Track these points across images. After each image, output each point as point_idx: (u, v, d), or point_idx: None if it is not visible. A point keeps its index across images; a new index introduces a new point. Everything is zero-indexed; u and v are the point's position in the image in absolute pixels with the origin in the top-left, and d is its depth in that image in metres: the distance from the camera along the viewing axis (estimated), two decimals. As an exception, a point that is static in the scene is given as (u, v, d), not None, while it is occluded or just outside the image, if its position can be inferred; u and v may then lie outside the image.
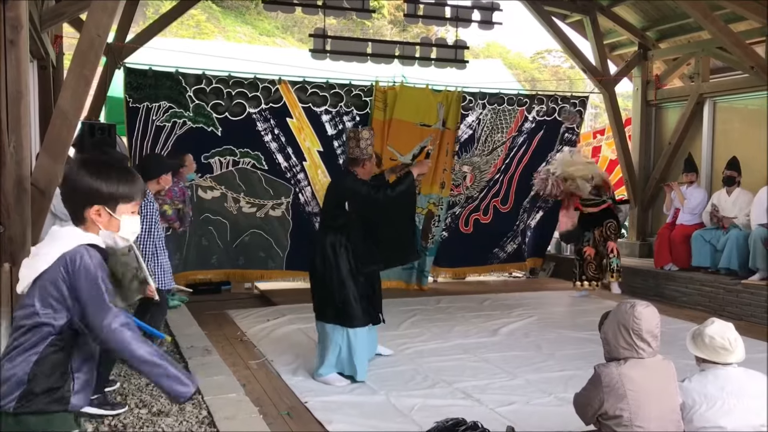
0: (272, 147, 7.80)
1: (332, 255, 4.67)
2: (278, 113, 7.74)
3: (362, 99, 8.04)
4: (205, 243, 7.68)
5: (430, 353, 5.49)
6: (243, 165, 7.73)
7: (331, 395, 4.39)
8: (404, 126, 8.01)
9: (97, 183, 2.05)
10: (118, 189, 2.09)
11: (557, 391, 4.51)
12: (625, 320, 2.84)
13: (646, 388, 2.78)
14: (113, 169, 2.12)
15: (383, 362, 5.17)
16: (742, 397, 2.90)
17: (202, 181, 7.55)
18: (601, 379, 2.83)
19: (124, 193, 2.10)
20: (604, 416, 2.82)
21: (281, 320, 6.46)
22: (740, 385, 2.94)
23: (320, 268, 4.72)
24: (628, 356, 2.84)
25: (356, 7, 7.92)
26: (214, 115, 7.48)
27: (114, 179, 2.09)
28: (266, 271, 8.07)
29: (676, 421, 2.84)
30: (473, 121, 8.61)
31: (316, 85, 7.87)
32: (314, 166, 8.01)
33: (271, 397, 4.36)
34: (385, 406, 4.22)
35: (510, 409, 4.17)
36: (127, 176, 2.14)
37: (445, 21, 8.33)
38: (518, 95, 8.99)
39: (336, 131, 8.03)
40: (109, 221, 2.10)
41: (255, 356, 5.31)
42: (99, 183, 2.06)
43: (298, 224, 8.02)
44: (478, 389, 4.56)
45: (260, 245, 7.95)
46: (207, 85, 7.41)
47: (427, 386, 4.63)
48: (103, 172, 2.08)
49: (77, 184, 2.07)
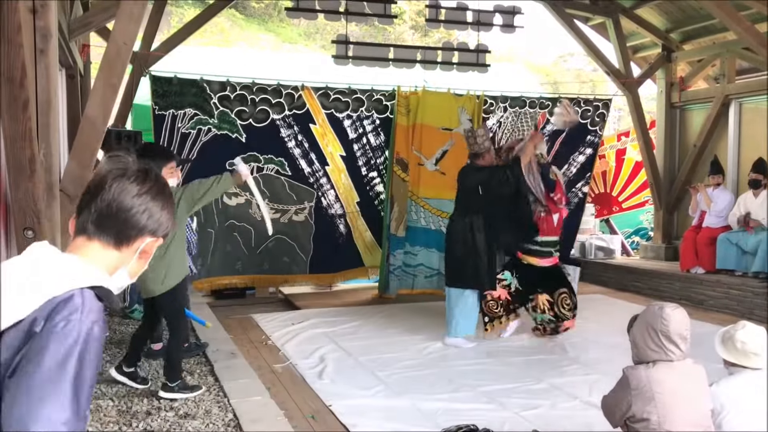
0: (296, 153, 7.86)
1: (470, 233, 5.75)
2: (302, 119, 7.79)
3: (383, 103, 8.07)
4: (229, 249, 7.74)
5: (454, 357, 5.50)
6: (267, 171, 7.79)
7: (356, 399, 4.40)
8: (428, 130, 8.02)
9: (164, 214, 1.51)
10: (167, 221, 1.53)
11: (582, 395, 4.48)
12: (654, 322, 2.82)
13: (675, 392, 2.75)
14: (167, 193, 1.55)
15: (407, 366, 5.18)
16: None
17: (228, 189, 7.62)
18: (629, 381, 2.81)
19: None
20: (632, 419, 2.80)
21: (305, 324, 6.49)
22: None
23: (460, 244, 5.79)
24: (657, 359, 2.81)
25: (378, 13, 7.96)
26: (238, 122, 7.55)
27: (168, 209, 1.53)
28: (290, 276, 8.12)
29: (706, 426, 2.80)
30: (494, 124, 8.60)
31: (338, 90, 7.92)
32: (337, 170, 8.06)
33: (295, 401, 4.39)
34: (410, 410, 4.22)
35: (535, 413, 4.16)
36: None
37: (466, 25, 8.34)
38: (540, 98, 8.96)
39: (356, 135, 8.08)
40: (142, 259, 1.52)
41: (279, 360, 5.34)
42: (165, 214, 1.51)
43: (321, 228, 8.06)
44: (503, 393, 4.54)
45: (284, 250, 8.00)
46: (231, 92, 7.48)
47: (451, 390, 4.63)
48: (168, 199, 1.53)
49: (144, 206, 1.46)
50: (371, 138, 8.15)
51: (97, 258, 1.42)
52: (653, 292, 8.13)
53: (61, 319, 1.24)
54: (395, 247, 7.92)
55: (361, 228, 8.29)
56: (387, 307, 7.32)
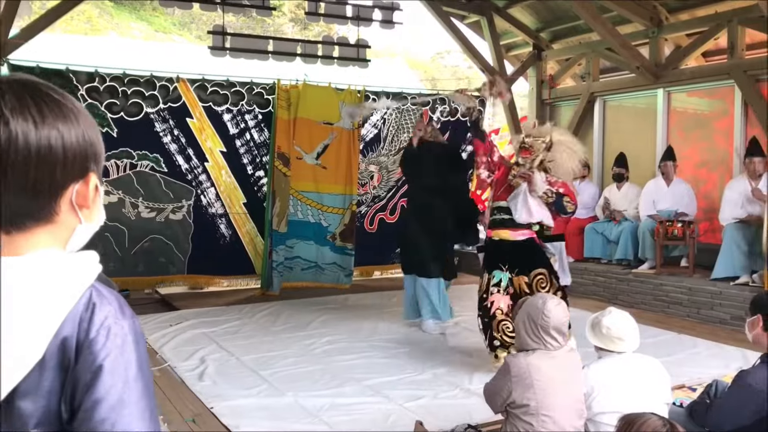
0: (172, 148, 7.56)
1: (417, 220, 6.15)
2: (178, 113, 7.51)
3: (264, 97, 7.93)
4: (101, 250, 7.32)
5: (339, 352, 5.48)
6: (141, 168, 7.45)
7: (238, 399, 4.30)
8: (308, 124, 7.96)
9: (93, 131, 1.04)
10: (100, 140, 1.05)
11: (463, 383, 4.60)
12: (536, 316, 2.92)
13: (552, 378, 2.86)
14: None
15: (291, 363, 5.12)
16: (636, 382, 3.05)
17: (98, 185, 7.22)
18: (510, 369, 2.89)
19: None
20: (512, 405, 2.88)
21: (184, 325, 6.26)
22: (634, 371, 3.09)
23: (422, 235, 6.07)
24: (536, 348, 2.92)
25: (256, 4, 7.81)
26: (108, 116, 7.17)
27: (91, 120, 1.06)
28: (167, 277, 7.82)
29: (580, 410, 2.94)
30: (378, 120, 8.66)
31: (216, 83, 7.69)
32: (217, 166, 7.84)
33: (174, 404, 4.22)
34: (293, 408, 4.17)
35: (418, 404, 4.22)
36: None
37: (346, 20, 8.34)
38: (420, 94, 9.11)
39: (238, 130, 7.89)
40: (97, 203, 1.04)
41: (157, 363, 5.12)
42: (94, 131, 1.04)
43: (201, 227, 7.82)
44: (388, 385, 4.59)
45: (160, 250, 7.68)
46: (100, 83, 7.09)
47: (335, 385, 4.62)
48: (81, 110, 1.05)
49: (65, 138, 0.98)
50: (255, 134, 7.98)
51: (46, 241, 0.99)
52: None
53: (97, 332, 0.96)
54: (277, 242, 7.81)
55: (251, 233, 8.10)
56: (270, 305, 7.21)
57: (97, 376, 0.94)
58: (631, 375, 3.07)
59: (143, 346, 1.01)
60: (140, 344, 1.00)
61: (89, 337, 0.95)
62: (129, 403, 0.95)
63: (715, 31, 7.67)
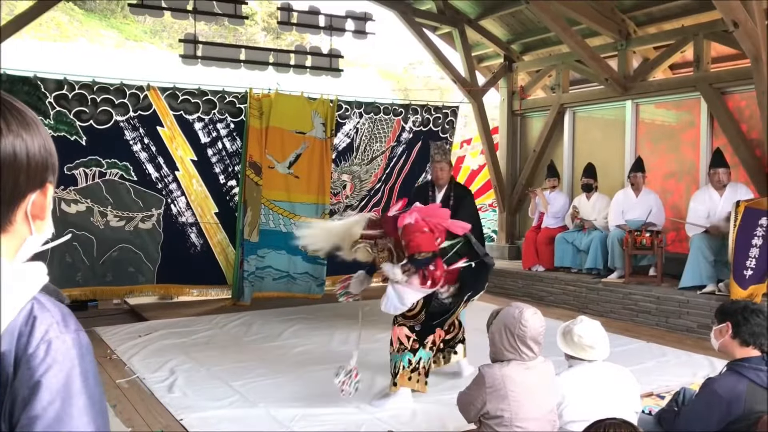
0: (142, 157, 7.48)
1: None
2: (148, 121, 7.43)
3: (236, 106, 7.88)
4: (69, 260, 7.21)
5: (311, 362, 5.44)
6: (110, 176, 7.35)
7: (208, 411, 4.25)
8: (280, 133, 7.94)
9: (50, 142, 1.02)
10: None
11: (436, 393, 4.59)
12: (512, 325, 2.90)
13: (527, 389, 2.86)
14: None
15: (263, 374, 5.07)
16: (606, 390, 3.08)
17: (66, 194, 7.11)
18: (485, 380, 2.88)
19: None
20: (486, 416, 2.88)
21: (153, 336, 6.18)
22: (604, 379, 3.12)
23: None
24: (512, 359, 2.91)
25: (228, 13, 7.79)
26: (77, 123, 7.07)
27: None
28: (136, 287, 7.71)
29: (552, 421, 2.95)
30: (350, 129, 8.67)
31: (187, 91, 7.63)
32: (188, 175, 7.76)
33: (143, 417, 4.16)
34: (265, 419, 4.14)
35: (390, 414, 4.21)
36: None
37: (319, 29, 8.36)
38: (393, 105, 9.14)
39: (210, 139, 7.83)
40: (48, 215, 1.03)
41: (125, 374, 5.05)
42: (50, 142, 1.02)
43: (171, 236, 7.73)
44: (360, 395, 4.57)
45: (129, 260, 7.57)
46: (69, 91, 7.00)
47: (307, 395, 4.58)
48: (39, 122, 1.02)
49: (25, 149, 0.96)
50: (227, 143, 7.92)
51: None
52: (499, 289, 8.54)
53: (37, 346, 0.92)
54: (249, 252, 7.76)
55: (222, 242, 8.02)
56: (242, 315, 7.15)
57: (34, 392, 0.91)
58: (601, 383, 3.10)
59: (90, 360, 0.98)
60: (85, 358, 0.97)
61: (28, 351, 0.92)
62: (68, 421, 0.92)
63: (681, 45, 7.83)
